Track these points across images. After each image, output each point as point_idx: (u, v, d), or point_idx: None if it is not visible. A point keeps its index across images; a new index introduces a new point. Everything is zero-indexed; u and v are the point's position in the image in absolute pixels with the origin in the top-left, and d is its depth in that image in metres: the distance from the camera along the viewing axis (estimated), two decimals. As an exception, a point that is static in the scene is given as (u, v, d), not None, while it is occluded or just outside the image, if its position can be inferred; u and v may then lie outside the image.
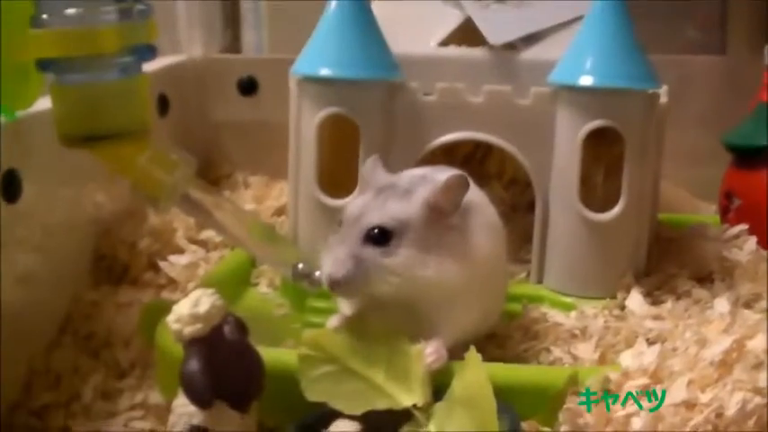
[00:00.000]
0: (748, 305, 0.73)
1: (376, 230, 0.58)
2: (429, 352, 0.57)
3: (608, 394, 0.57)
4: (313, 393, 0.56)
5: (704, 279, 0.77)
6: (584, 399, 0.57)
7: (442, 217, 0.59)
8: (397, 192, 0.60)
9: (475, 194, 0.64)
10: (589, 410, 0.56)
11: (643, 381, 0.57)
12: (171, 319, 0.54)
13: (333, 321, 0.61)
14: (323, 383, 0.57)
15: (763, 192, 0.85)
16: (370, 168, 0.64)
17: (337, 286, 0.57)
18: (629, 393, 0.56)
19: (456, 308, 0.60)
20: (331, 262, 0.58)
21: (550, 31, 0.81)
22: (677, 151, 0.87)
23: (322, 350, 0.58)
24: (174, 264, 0.84)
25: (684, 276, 0.76)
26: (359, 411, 0.55)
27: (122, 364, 0.70)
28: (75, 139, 0.66)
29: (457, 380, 0.56)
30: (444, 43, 0.82)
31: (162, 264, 0.83)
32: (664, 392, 0.55)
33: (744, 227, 0.84)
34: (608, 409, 0.55)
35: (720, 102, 1.05)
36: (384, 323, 0.59)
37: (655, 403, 0.54)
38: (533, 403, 0.58)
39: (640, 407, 0.54)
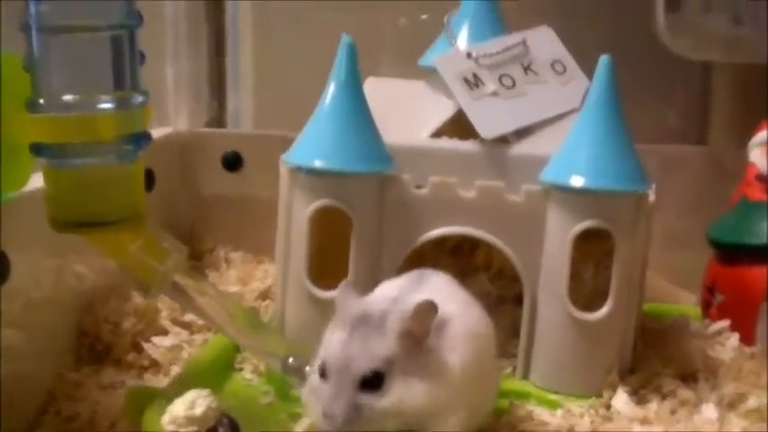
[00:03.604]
0: (733, 405, 0.73)
1: (368, 376, 0.57)
2: None
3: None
4: None
5: (688, 377, 0.77)
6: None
7: (418, 342, 0.59)
8: (372, 326, 0.59)
9: (454, 303, 0.64)
10: None
11: (635, 488, 0.57)
12: (166, 420, 0.54)
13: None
14: None
15: (746, 288, 0.86)
16: (342, 297, 0.63)
17: None
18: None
19: (445, 417, 0.60)
20: (328, 414, 0.57)
21: (543, 124, 0.81)
22: (657, 238, 0.87)
23: None
24: (158, 345, 0.83)
25: (669, 375, 0.76)
26: None
27: (106, 448, 0.69)
28: (67, 224, 0.66)
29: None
30: (436, 134, 0.82)
31: (145, 345, 0.83)
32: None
33: (726, 323, 0.85)
34: None
35: (702, 191, 1.06)
36: None
37: None
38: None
39: None
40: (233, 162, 1.10)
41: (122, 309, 0.85)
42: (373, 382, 0.57)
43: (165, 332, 0.85)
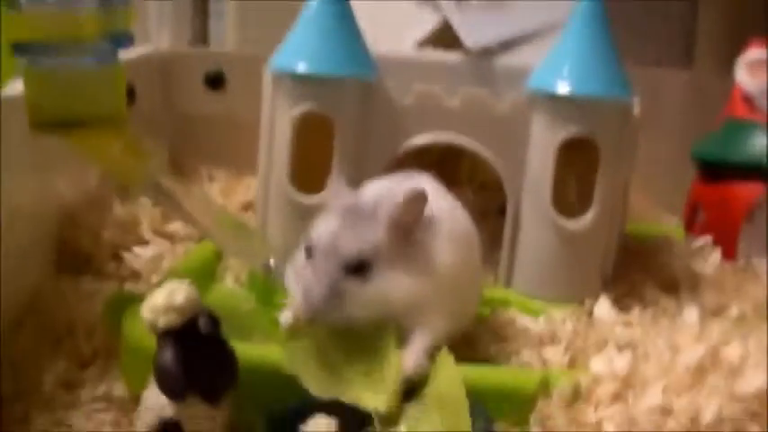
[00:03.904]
0: (714, 315, 0.73)
1: (355, 260, 0.57)
2: (410, 361, 0.57)
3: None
4: (289, 363, 0.56)
5: (670, 288, 0.78)
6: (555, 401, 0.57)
7: (406, 233, 0.59)
8: (364, 215, 0.59)
9: (441, 203, 0.64)
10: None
11: (614, 386, 0.57)
12: (145, 309, 0.54)
13: (287, 315, 0.60)
14: (301, 356, 0.57)
15: (729, 205, 0.86)
16: (334, 189, 0.63)
17: (316, 316, 0.56)
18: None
19: (428, 316, 0.59)
20: (309, 292, 0.57)
21: (529, 36, 0.81)
22: (641, 161, 0.87)
23: (309, 327, 0.58)
24: (139, 255, 0.82)
25: (651, 285, 0.77)
26: (323, 396, 0.55)
27: (84, 353, 0.68)
28: (47, 125, 0.65)
29: (430, 380, 0.56)
30: (422, 45, 0.81)
31: (126, 255, 0.82)
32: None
33: (709, 239, 0.85)
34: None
35: (687, 113, 1.06)
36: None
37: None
38: (504, 405, 0.58)
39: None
40: (216, 81, 1.09)
41: (103, 220, 0.85)
42: (359, 267, 0.57)
43: (145, 242, 0.85)
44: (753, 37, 0.92)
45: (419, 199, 0.59)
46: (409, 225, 0.59)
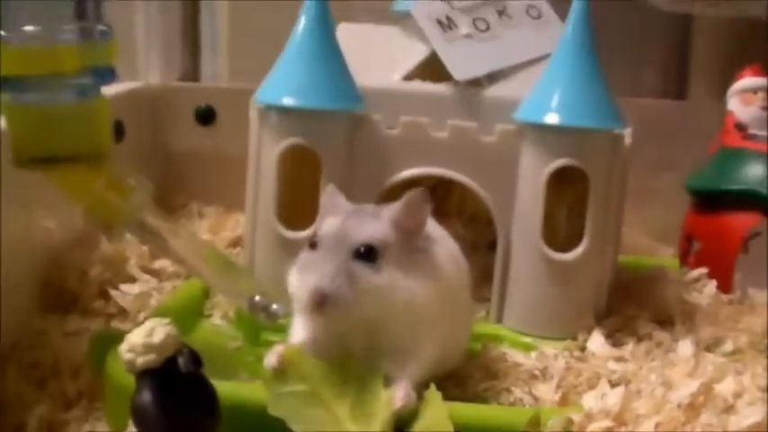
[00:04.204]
0: (709, 349, 0.72)
1: (364, 248, 0.56)
2: (399, 396, 0.55)
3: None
4: (276, 408, 0.55)
5: (664, 322, 0.77)
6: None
7: (410, 237, 0.58)
8: (368, 214, 0.59)
9: (436, 228, 0.64)
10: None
11: (606, 423, 0.56)
12: (123, 348, 0.52)
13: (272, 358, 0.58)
14: (288, 401, 0.55)
15: (724, 236, 0.85)
16: (330, 196, 0.62)
17: (327, 301, 0.54)
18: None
19: (424, 339, 0.58)
20: (318, 276, 0.55)
21: (517, 68, 0.80)
22: (636, 193, 0.86)
23: (296, 368, 0.56)
24: (126, 293, 0.81)
25: (645, 318, 0.76)
26: None
27: (69, 394, 0.67)
28: (29, 161, 0.65)
29: (418, 419, 0.55)
30: (409, 77, 0.81)
31: (113, 293, 0.81)
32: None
33: (703, 270, 0.85)
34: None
35: (680, 145, 1.05)
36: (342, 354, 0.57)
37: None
38: (494, 444, 0.57)
39: None
40: (206, 116, 1.08)
41: (89, 257, 0.84)
42: (368, 253, 0.56)
43: (132, 280, 0.84)
44: (746, 65, 0.91)
45: (421, 200, 0.58)
46: (412, 230, 0.59)
